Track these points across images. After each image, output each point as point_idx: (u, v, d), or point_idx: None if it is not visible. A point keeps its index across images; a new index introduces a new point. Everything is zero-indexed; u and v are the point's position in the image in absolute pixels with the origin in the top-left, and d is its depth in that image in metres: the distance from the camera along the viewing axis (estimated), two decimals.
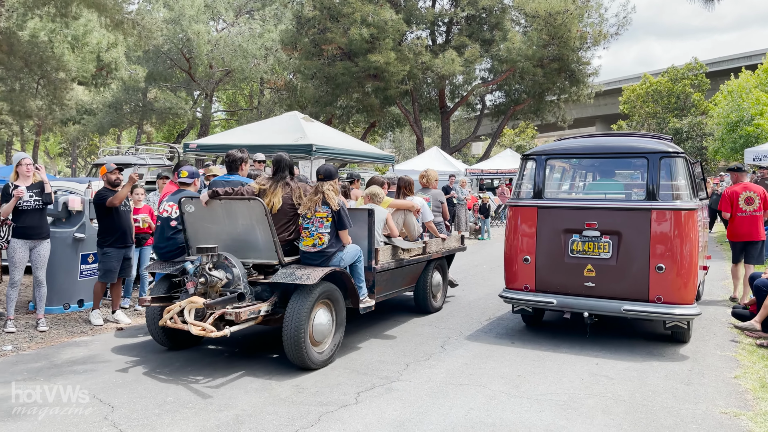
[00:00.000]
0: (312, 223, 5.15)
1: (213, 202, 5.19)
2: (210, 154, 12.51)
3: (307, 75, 29.56)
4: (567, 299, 5.67)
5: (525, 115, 32.88)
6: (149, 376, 4.86)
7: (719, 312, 7.19)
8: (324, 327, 5.07)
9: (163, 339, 5.47)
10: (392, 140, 66.70)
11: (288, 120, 12.08)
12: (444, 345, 5.77)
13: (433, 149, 25.82)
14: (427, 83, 30.38)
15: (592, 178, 7.44)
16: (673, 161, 5.59)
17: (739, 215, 7.70)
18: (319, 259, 5.13)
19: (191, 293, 4.89)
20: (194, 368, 5.05)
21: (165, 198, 6.13)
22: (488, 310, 7.33)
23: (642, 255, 5.41)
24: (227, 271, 4.96)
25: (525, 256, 5.92)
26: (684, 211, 5.38)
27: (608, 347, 5.66)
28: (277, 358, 5.33)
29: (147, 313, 5.47)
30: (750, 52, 44.70)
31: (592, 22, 27.62)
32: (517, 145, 47.32)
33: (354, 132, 38.46)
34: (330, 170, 5.35)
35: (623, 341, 5.86)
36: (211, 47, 32.51)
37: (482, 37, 28.89)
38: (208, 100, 37.01)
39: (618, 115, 49.73)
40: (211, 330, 4.59)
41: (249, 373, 4.91)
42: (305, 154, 10.88)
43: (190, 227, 5.41)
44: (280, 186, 5.31)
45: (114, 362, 5.22)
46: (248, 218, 5.11)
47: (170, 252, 5.78)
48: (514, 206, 6.16)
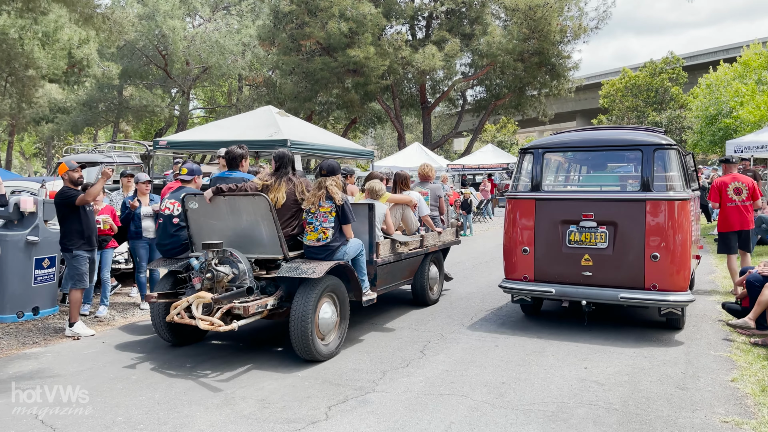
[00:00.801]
0: (316, 218, 5.20)
1: (217, 198, 5.24)
2: (182, 151, 12.02)
3: (286, 71, 29.07)
4: (565, 288, 5.83)
5: (506, 110, 32.67)
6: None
7: (708, 308, 6.94)
8: (329, 320, 5.17)
9: (167, 335, 5.49)
10: (374, 137, 66.34)
11: (262, 115, 11.64)
12: (424, 350, 5.42)
13: (414, 145, 25.49)
14: (407, 78, 30.05)
15: (587, 171, 7.53)
16: (666, 153, 5.71)
17: (729, 205, 7.75)
18: (323, 253, 5.19)
19: (198, 289, 4.97)
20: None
21: (166, 195, 6.14)
22: (470, 310, 7.00)
23: (637, 244, 5.57)
24: (233, 266, 5.02)
25: (524, 247, 6.07)
26: (677, 201, 5.53)
27: (596, 349, 5.35)
28: (243, 365, 4.95)
29: (152, 309, 5.46)
30: (727, 45, 45.08)
31: (572, 16, 27.49)
32: (498, 140, 47.26)
33: (335, 128, 38.05)
34: (333, 166, 5.42)
35: (612, 341, 5.56)
36: (187, 43, 31.85)
37: (462, 32, 28.63)
38: (185, 97, 36.23)
39: (598, 109, 49.84)
40: (219, 324, 4.64)
41: (209, 387, 4.52)
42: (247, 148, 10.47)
43: (194, 224, 5.48)
44: (283, 182, 5.37)
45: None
46: (252, 214, 5.16)
47: (173, 249, 5.81)
48: (513, 199, 6.28)
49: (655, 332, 5.89)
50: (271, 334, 6.18)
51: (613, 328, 6.10)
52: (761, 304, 5.53)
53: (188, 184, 6.21)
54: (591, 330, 6.00)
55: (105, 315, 6.92)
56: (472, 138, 33.87)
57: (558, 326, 6.19)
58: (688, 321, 6.27)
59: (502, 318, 6.61)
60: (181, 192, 5.83)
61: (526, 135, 67.96)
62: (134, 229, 7.14)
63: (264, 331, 6.28)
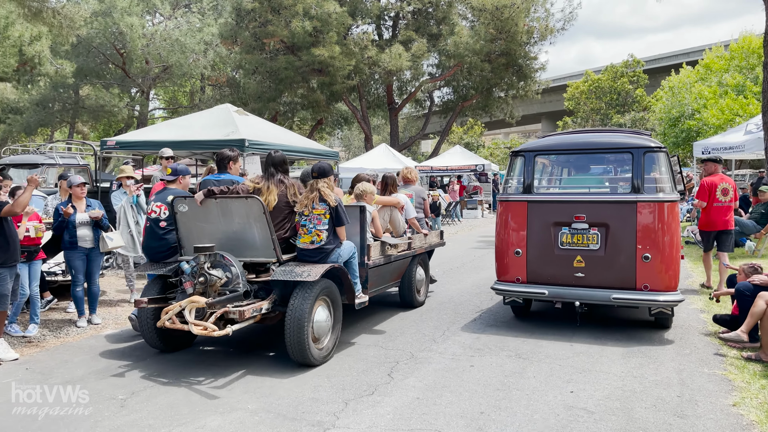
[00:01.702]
0: (310, 220, 5.16)
1: (207, 201, 5.14)
2: (132, 151, 11.22)
3: (249, 70, 28.25)
4: (558, 289, 5.85)
5: (473, 111, 32.43)
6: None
7: (692, 318, 6.56)
8: (323, 323, 5.09)
9: (156, 341, 5.34)
10: (341, 138, 65.70)
11: (219, 114, 10.94)
12: (392, 372, 4.86)
13: (381, 146, 24.97)
14: (374, 79, 29.52)
15: (578, 173, 7.53)
16: (656, 155, 5.78)
17: (715, 205, 7.75)
18: (317, 256, 5.14)
19: (189, 293, 4.83)
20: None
21: (152, 198, 5.96)
22: (441, 323, 6.47)
23: (629, 245, 5.63)
24: (225, 270, 4.93)
25: (516, 249, 6.08)
26: (666, 203, 5.61)
27: (581, 367, 4.88)
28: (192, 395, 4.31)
29: (140, 315, 5.30)
30: (687, 49, 45.88)
31: (539, 17, 27.36)
32: (465, 142, 47.11)
33: (301, 129, 37.28)
34: (324, 168, 5.34)
35: (597, 357, 5.10)
36: (146, 41, 30.71)
37: (429, 32, 28.25)
38: (144, 97, 35.01)
39: (563, 111, 50.20)
40: (213, 329, 4.53)
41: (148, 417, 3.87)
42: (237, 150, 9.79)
43: (183, 227, 5.35)
44: (274, 184, 5.30)
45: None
46: (245, 217, 5.09)
47: (161, 253, 5.68)
48: (505, 201, 6.29)
49: (642, 345, 5.46)
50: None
51: (596, 340, 5.65)
52: (754, 315, 5.13)
53: (172, 184, 6.00)
54: (573, 344, 5.54)
55: (35, 334, 6.17)
56: (439, 140, 33.54)
57: (538, 339, 5.71)
58: (675, 333, 5.88)
59: (477, 331, 6.10)
60: (167, 194, 5.68)
61: (492, 137, 68.19)
62: (68, 238, 6.40)
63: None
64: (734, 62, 29.51)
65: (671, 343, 5.59)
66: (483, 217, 24.16)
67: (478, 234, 16.25)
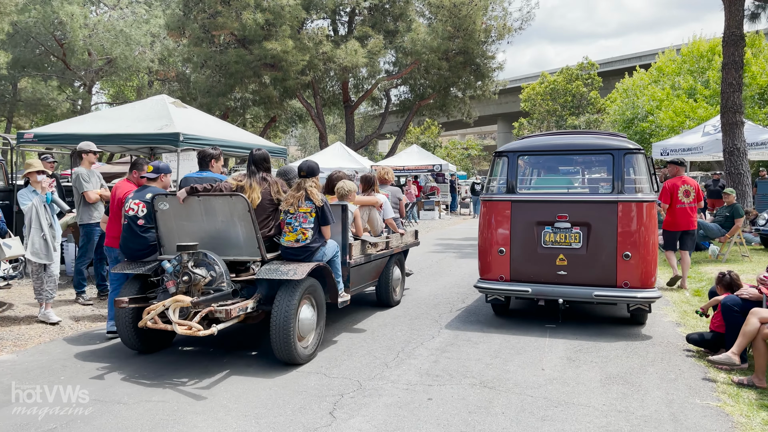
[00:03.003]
0: (295, 218, 5.13)
1: (190, 199, 5.06)
2: (52, 145, 10.07)
3: (197, 63, 26.95)
4: (541, 287, 5.96)
5: (430, 111, 31.86)
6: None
7: (669, 332, 5.99)
8: (308, 322, 5.09)
9: (134, 342, 5.25)
10: (296, 137, 64.37)
11: (153, 105, 9.89)
12: (334, 410, 4.06)
13: (336, 144, 24.15)
14: (329, 75, 28.60)
15: (560, 174, 7.71)
16: (635, 157, 5.93)
17: (678, 206, 8.00)
18: (303, 254, 5.11)
19: (172, 292, 4.74)
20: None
21: (129, 195, 5.80)
22: (395, 342, 5.71)
23: (610, 244, 5.79)
24: (209, 268, 4.88)
25: (500, 248, 6.16)
26: (646, 203, 5.78)
27: (557, 399, 4.20)
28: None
29: (118, 315, 5.18)
30: (641, 52, 46.63)
31: (497, 15, 27.03)
32: (422, 142, 46.68)
33: (254, 127, 36.06)
34: (312, 167, 5.31)
35: (573, 385, 4.43)
36: (88, 32, 29.05)
37: (386, 28, 27.54)
38: (86, 90, 33.19)
39: (519, 112, 50.36)
40: (198, 329, 4.47)
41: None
42: (171, 145, 8.82)
43: (163, 225, 5.26)
44: (257, 182, 5.29)
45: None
46: (229, 215, 5.03)
47: (140, 251, 5.54)
48: (489, 201, 6.35)
49: (620, 366, 4.82)
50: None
51: (570, 362, 4.99)
52: (746, 335, 4.55)
53: (153, 182, 5.84)
54: (544, 369, 4.86)
55: None
56: (396, 139, 32.90)
57: (505, 361, 5.01)
58: (655, 352, 5.29)
59: (435, 351, 5.36)
60: (146, 192, 5.60)
61: (449, 138, 68.07)
62: None
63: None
64: (686, 66, 29.93)
65: (653, 364, 4.97)
66: (440, 219, 23.61)
67: (436, 237, 15.61)
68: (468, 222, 22.45)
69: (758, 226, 10.96)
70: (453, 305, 7.36)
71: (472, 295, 7.91)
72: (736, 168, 12.70)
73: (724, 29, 13.24)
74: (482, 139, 77.32)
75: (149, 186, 5.80)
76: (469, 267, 10.29)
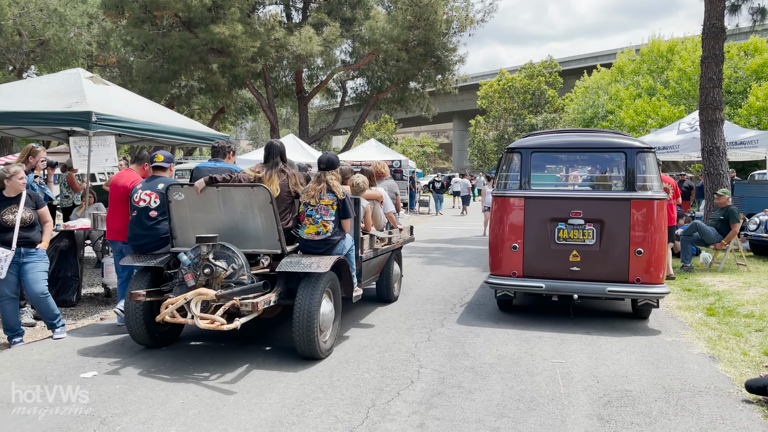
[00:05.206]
0: (316, 211, 5.06)
1: (207, 189, 4.91)
2: None
3: (137, 46, 24.87)
4: (554, 283, 5.96)
5: (388, 105, 30.58)
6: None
7: (708, 371, 4.85)
8: (328, 316, 4.99)
9: (144, 337, 5.07)
10: (248, 129, 62.05)
11: (64, 80, 8.24)
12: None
13: (288, 137, 22.63)
14: (281, 64, 26.92)
15: (572, 171, 7.86)
16: (647, 155, 6.00)
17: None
18: (323, 247, 5.04)
19: (190, 285, 4.61)
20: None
21: (137, 185, 5.61)
22: (363, 390, 4.37)
23: (622, 240, 5.84)
24: (229, 261, 4.73)
25: (513, 244, 6.12)
26: (656, 200, 5.88)
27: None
28: None
29: (129, 309, 4.99)
30: (599, 52, 46.70)
31: (459, 6, 26.02)
32: (378, 138, 45.44)
33: (201, 118, 34.06)
34: (332, 159, 5.27)
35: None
36: (18, 10, 26.66)
37: (343, 16, 26.12)
38: (16, 74, 30.58)
39: (476, 110, 49.86)
40: (222, 322, 4.35)
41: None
42: (81, 128, 7.22)
43: (177, 217, 5.08)
44: (276, 173, 5.20)
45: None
46: (248, 206, 4.89)
47: (150, 244, 5.39)
48: (501, 197, 6.31)
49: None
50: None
51: (604, 425, 3.77)
52: None
53: (163, 172, 5.67)
54: (568, 427, 3.63)
55: None
56: (352, 133, 31.54)
57: (490, 396, 3.76)
58: (710, 409, 4.12)
59: (416, 400, 4.05)
60: (157, 182, 5.49)
61: (403, 135, 66.99)
62: None
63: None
64: (645, 66, 29.71)
65: (714, 428, 3.80)
66: (399, 217, 22.40)
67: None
68: (431, 220, 21.31)
69: (747, 231, 10.13)
70: (430, 332, 6.08)
71: (454, 311, 6.65)
72: (715, 168, 11.87)
73: (704, 21, 12.46)
74: (436, 137, 76.69)
75: (159, 176, 5.61)
76: (440, 277, 9.03)
